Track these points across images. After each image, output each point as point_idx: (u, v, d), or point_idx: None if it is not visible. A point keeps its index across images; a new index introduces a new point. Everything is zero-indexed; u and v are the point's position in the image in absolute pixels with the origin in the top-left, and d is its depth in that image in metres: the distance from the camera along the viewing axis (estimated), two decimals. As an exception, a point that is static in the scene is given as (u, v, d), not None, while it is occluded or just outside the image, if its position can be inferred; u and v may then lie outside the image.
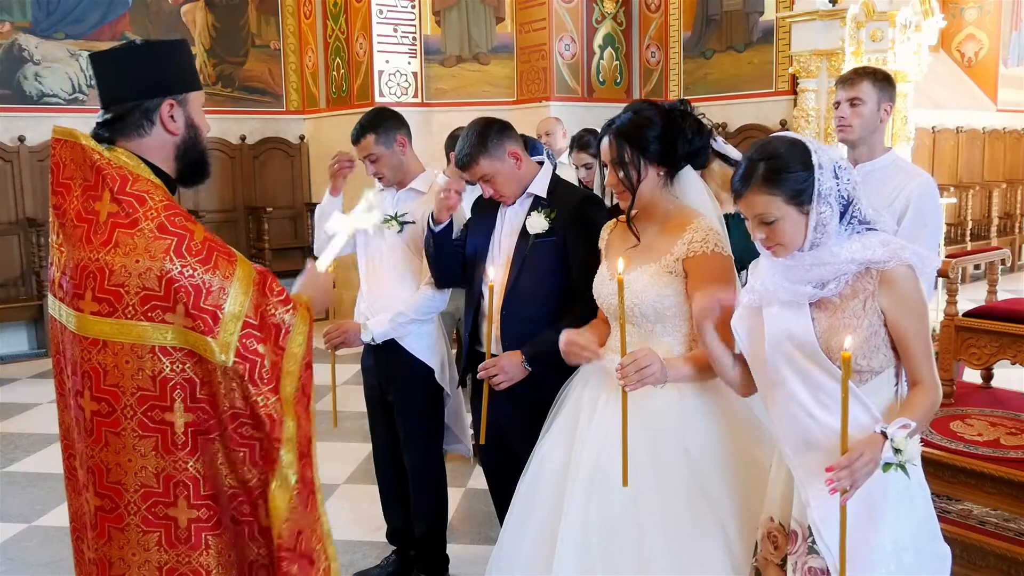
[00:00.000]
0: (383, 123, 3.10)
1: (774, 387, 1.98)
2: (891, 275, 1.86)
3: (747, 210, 1.91)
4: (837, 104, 3.18)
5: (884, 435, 1.77)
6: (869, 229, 1.91)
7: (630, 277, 2.26)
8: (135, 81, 1.80)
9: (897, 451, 1.76)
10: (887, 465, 1.78)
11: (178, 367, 1.70)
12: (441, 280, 3.04)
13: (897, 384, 1.94)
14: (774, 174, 1.85)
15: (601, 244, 2.54)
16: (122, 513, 1.75)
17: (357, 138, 3.09)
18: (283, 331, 1.78)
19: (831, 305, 1.90)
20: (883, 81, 3.14)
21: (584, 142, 4.37)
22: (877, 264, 1.86)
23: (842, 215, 1.88)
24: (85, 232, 1.72)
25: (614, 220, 2.56)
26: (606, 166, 2.35)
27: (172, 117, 1.82)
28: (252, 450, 1.74)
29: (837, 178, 1.87)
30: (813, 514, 1.89)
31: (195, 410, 1.71)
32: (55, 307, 1.83)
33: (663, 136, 2.29)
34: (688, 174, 2.38)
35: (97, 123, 1.82)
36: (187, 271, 1.68)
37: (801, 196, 1.85)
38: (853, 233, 1.89)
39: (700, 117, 2.37)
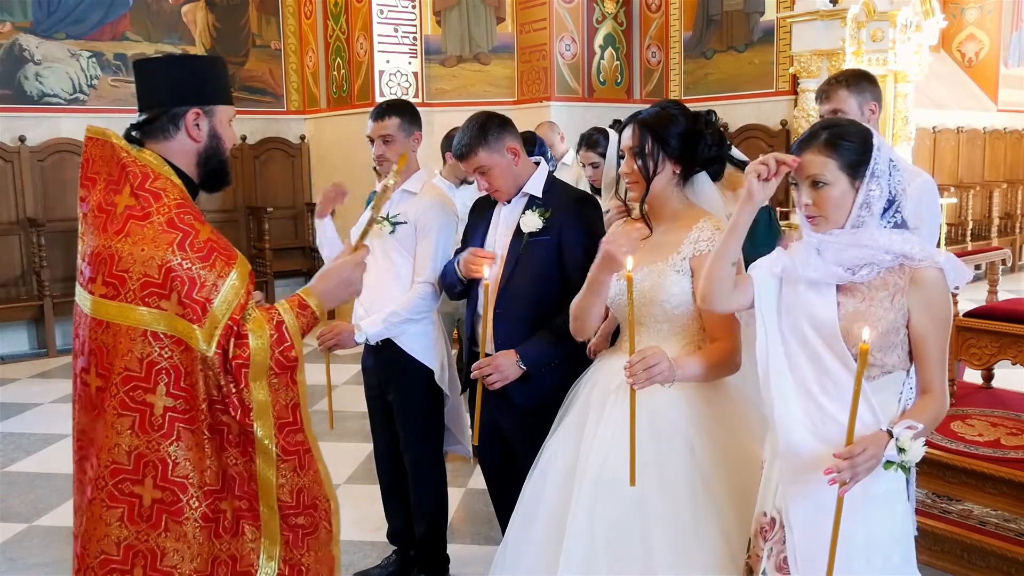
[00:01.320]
0: (409, 112, 3.16)
1: (782, 369, 1.96)
2: (922, 275, 1.86)
3: (801, 171, 1.92)
4: (823, 118, 3.15)
5: (890, 433, 1.78)
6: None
7: (637, 276, 2.26)
8: (168, 88, 1.95)
9: (901, 451, 1.77)
10: (888, 463, 1.79)
11: (166, 353, 1.80)
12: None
13: (903, 391, 1.93)
14: (836, 139, 1.89)
15: None
16: (103, 482, 1.83)
17: (381, 115, 3.12)
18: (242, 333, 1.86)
19: (859, 292, 1.91)
20: (859, 83, 3.02)
21: (593, 140, 4.35)
22: (912, 261, 1.87)
23: (885, 210, 1.90)
24: (103, 222, 1.86)
25: (621, 220, 2.56)
26: (623, 156, 2.37)
27: (197, 125, 1.95)
28: (223, 433, 1.86)
29: (890, 174, 1.90)
30: (787, 501, 1.91)
31: (176, 396, 1.81)
32: (79, 294, 1.95)
33: (685, 135, 2.32)
34: (702, 179, 2.40)
35: (131, 124, 1.97)
36: (186, 264, 1.80)
37: (856, 168, 1.88)
38: (894, 227, 1.91)
39: (722, 129, 2.41)
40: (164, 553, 1.82)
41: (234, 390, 1.83)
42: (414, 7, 8.14)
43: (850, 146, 1.88)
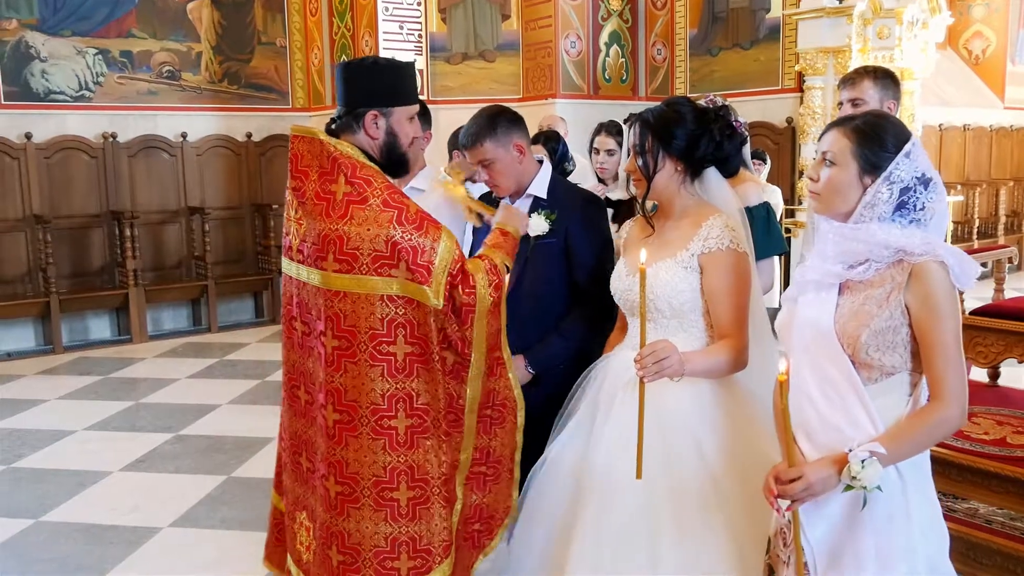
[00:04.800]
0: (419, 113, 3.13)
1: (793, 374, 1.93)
2: (921, 270, 1.77)
3: (822, 144, 1.89)
4: (840, 105, 3.19)
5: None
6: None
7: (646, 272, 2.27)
8: (355, 91, 2.27)
9: (853, 477, 1.71)
10: (848, 486, 1.74)
11: (400, 311, 2.14)
12: None
13: (912, 394, 1.85)
14: (867, 127, 1.83)
15: (619, 241, 2.55)
16: (356, 424, 2.18)
17: None
18: (471, 280, 2.21)
19: (858, 290, 1.85)
20: (884, 79, 3.14)
21: (615, 128, 4.30)
22: (910, 256, 1.78)
23: (900, 210, 1.81)
24: (324, 208, 2.15)
25: (634, 217, 2.56)
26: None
27: (375, 124, 2.25)
28: (443, 365, 2.22)
29: (926, 188, 1.81)
30: (799, 507, 1.88)
31: (413, 343, 2.16)
32: (290, 267, 2.30)
33: (688, 133, 2.30)
34: (712, 175, 2.38)
35: (331, 118, 2.30)
36: (406, 236, 2.11)
37: (872, 161, 1.80)
38: (900, 223, 1.82)
39: (737, 125, 2.38)
40: (419, 466, 2.21)
41: (458, 330, 2.19)
42: (419, 4, 8.14)
43: (877, 139, 1.81)
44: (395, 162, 2.31)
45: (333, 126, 2.29)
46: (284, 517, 2.51)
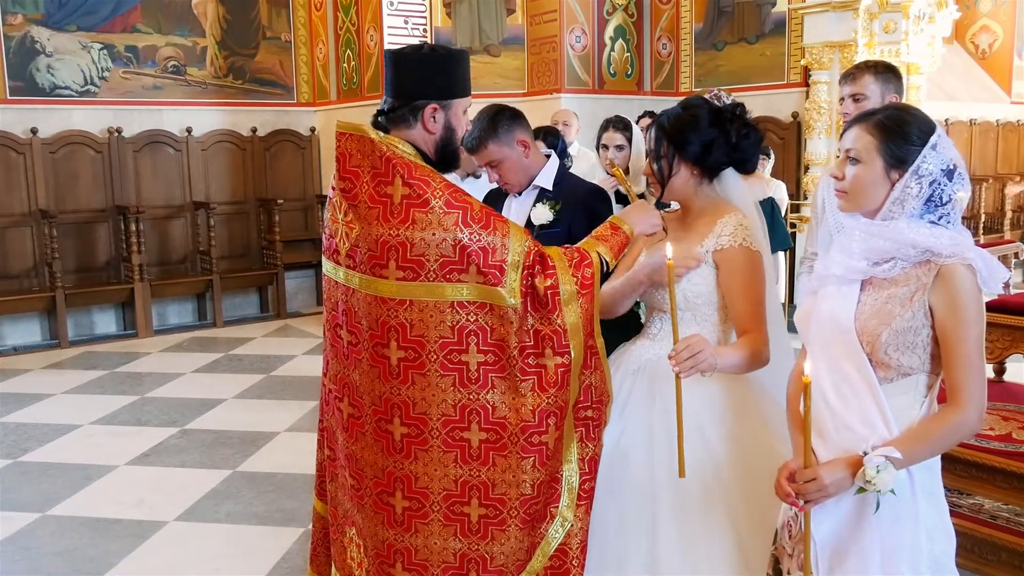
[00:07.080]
0: None
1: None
2: (947, 271, 1.74)
3: (845, 141, 1.86)
4: (842, 100, 3.18)
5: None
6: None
7: (656, 262, 2.27)
8: (411, 82, 2.15)
9: (868, 481, 1.70)
10: (861, 488, 1.73)
11: (472, 317, 2.03)
12: None
13: (927, 396, 1.82)
14: (889, 121, 1.80)
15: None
16: (426, 437, 2.08)
17: None
18: (548, 261, 2.10)
19: (881, 288, 1.82)
20: (885, 73, 3.11)
21: (623, 123, 4.32)
22: (937, 256, 1.74)
23: (927, 203, 1.78)
24: (381, 212, 2.03)
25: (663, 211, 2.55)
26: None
27: (433, 119, 2.14)
28: (539, 378, 2.07)
29: (950, 179, 1.78)
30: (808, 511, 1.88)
31: (486, 352, 2.05)
32: (334, 271, 2.19)
33: (702, 139, 2.27)
34: (730, 176, 2.36)
35: (378, 110, 2.18)
36: (474, 237, 2.01)
37: (897, 156, 1.78)
38: (929, 222, 1.79)
39: (751, 123, 2.34)
40: (494, 484, 2.09)
41: (548, 321, 2.06)
42: (424, -1, 8.13)
43: (901, 133, 1.78)
44: (448, 157, 2.21)
45: (381, 119, 2.18)
46: (329, 526, 2.42)
